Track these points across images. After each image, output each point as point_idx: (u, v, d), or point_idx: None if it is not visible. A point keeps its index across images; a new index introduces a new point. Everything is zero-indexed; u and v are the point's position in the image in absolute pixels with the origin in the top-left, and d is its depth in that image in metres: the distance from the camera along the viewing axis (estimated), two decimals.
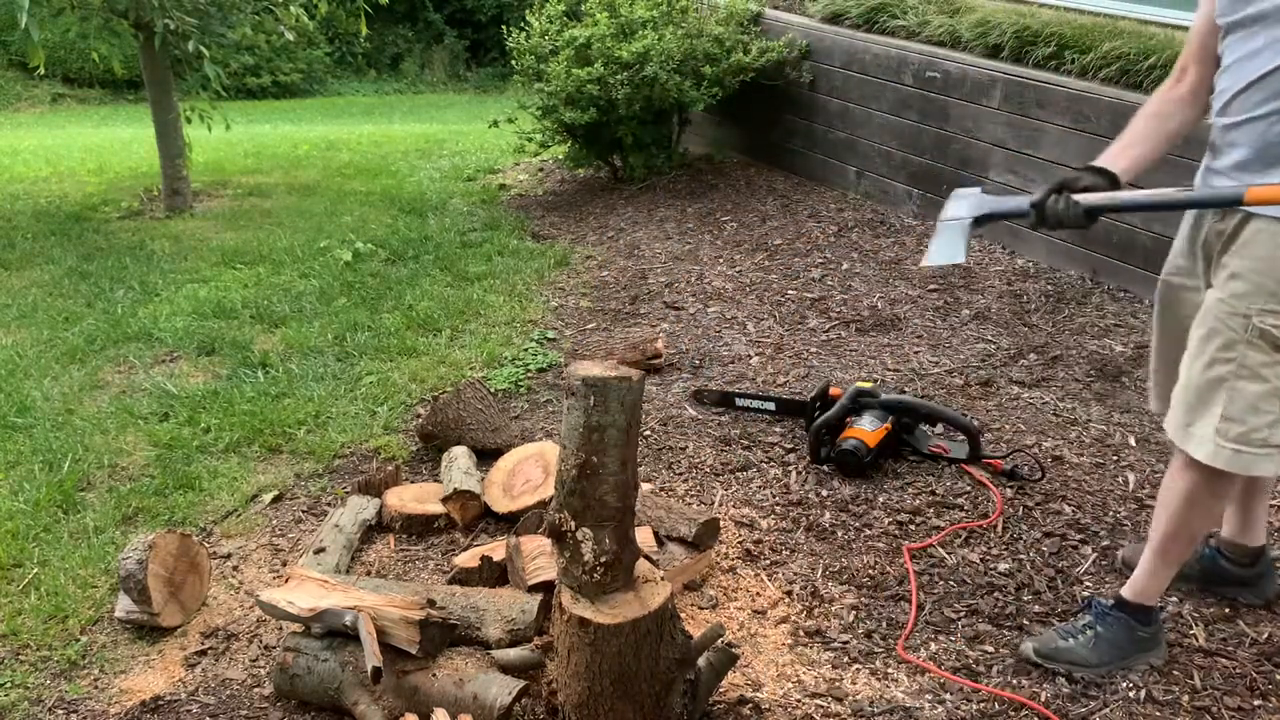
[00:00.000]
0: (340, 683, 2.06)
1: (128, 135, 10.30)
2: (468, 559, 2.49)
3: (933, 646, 2.28)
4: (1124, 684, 2.13)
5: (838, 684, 2.17)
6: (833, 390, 3.23)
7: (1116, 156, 2.00)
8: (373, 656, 1.94)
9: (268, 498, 3.00)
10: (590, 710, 1.83)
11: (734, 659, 2.03)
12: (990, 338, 3.97)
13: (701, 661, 1.94)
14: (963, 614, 2.39)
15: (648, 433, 3.33)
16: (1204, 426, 1.91)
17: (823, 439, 3.06)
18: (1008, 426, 3.28)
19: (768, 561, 2.62)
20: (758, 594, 2.49)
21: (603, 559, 1.77)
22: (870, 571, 2.56)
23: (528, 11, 6.57)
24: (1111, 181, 1.94)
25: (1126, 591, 2.16)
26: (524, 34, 6.41)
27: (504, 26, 7.31)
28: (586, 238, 5.62)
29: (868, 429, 3.01)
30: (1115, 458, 3.07)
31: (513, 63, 6.52)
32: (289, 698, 2.15)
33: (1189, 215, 2.07)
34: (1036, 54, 4.62)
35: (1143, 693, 2.11)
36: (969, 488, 2.92)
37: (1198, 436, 1.92)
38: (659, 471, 3.09)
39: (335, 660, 2.08)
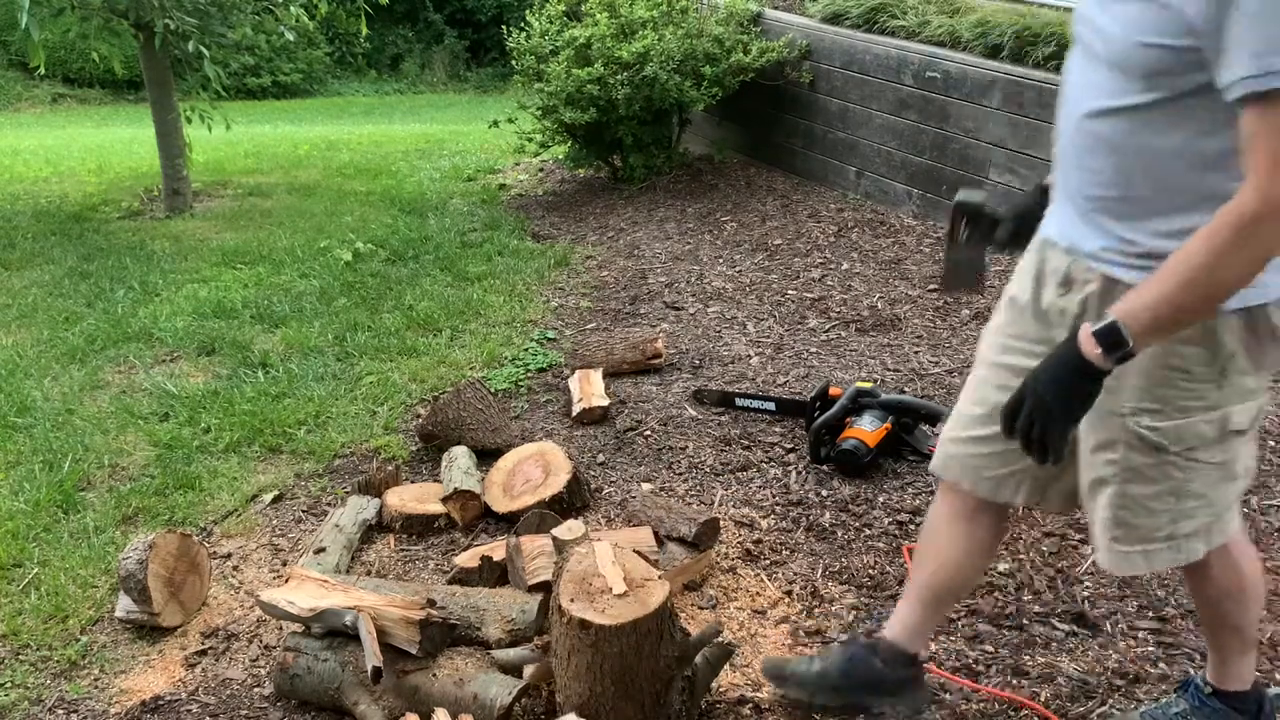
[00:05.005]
0: (340, 683, 2.06)
1: (128, 135, 10.30)
2: (468, 559, 2.49)
3: (933, 646, 2.28)
4: (1120, 683, 2.13)
5: None
6: (833, 390, 3.22)
7: None
8: (373, 656, 1.94)
9: (268, 498, 3.00)
10: (591, 710, 1.83)
11: (729, 654, 2.03)
12: None
13: (698, 658, 1.95)
14: (963, 614, 2.39)
15: (648, 433, 3.33)
16: (1101, 537, 1.66)
17: (823, 439, 3.06)
18: None
19: (768, 561, 2.62)
20: (758, 594, 2.49)
21: None
22: (870, 571, 2.56)
23: (528, 11, 6.57)
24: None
25: (1212, 677, 1.88)
26: (524, 34, 6.42)
27: (504, 26, 7.31)
28: (586, 238, 5.62)
29: (868, 429, 3.01)
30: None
31: (513, 63, 6.52)
32: (289, 698, 2.15)
33: (1031, 264, 1.69)
34: (1036, 54, 4.62)
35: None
36: None
37: (1099, 547, 1.67)
38: (659, 471, 3.09)
39: (335, 660, 2.08)
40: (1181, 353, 1.46)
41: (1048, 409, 1.43)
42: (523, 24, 6.53)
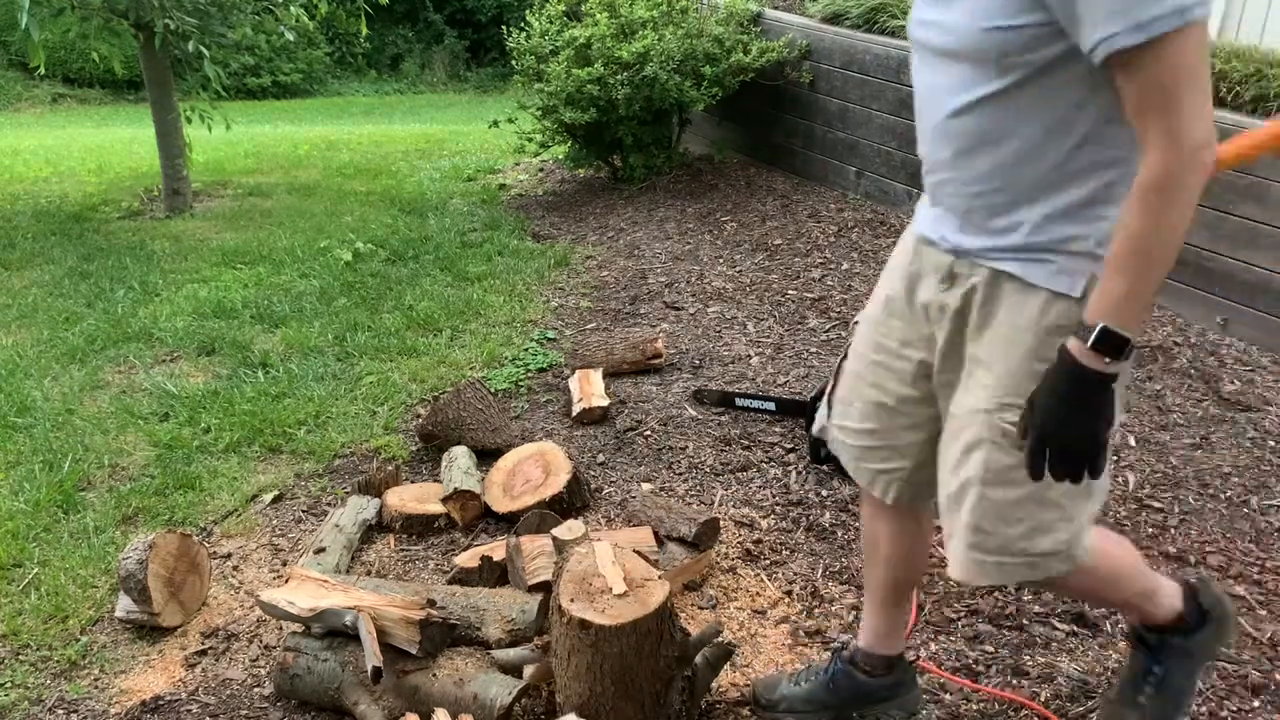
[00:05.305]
0: (340, 683, 2.06)
1: (128, 135, 10.30)
2: (468, 559, 2.49)
3: (933, 646, 2.28)
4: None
5: None
6: None
7: None
8: (373, 656, 1.94)
9: (268, 498, 3.00)
10: (591, 710, 1.83)
11: (729, 654, 2.03)
12: None
13: (698, 658, 1.95)
14: (963, 614, 2.39)
15: (648, 433, 3.33)
16: (958, 544, 1.61)
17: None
18: None
19: (768, 561, 2.62)
20: (758, 594, 2.49)
21: None
22: None
23: (528, 11, 6.57)
24: None
25: (1143, 621, 1.84)
26: (524, 34, 6.42)
27: (504, 26, 7.31)
28: (586, 238, 5.62)
29: None
30: (1115, 458, 3.07)
31: (513, 63, 6.52)
32: (289, 698, 2.15)
33: (905, 262, 1.70)
34: None
35: None
36: None
37: (954, 557, 1.63)
38: (659, 471, 3.09)
39: (335, 660, 2.08)
40: (1052, 345, 1.44)
41: (1074, 435, 1.40)
42: (523, 24, 6.53)
